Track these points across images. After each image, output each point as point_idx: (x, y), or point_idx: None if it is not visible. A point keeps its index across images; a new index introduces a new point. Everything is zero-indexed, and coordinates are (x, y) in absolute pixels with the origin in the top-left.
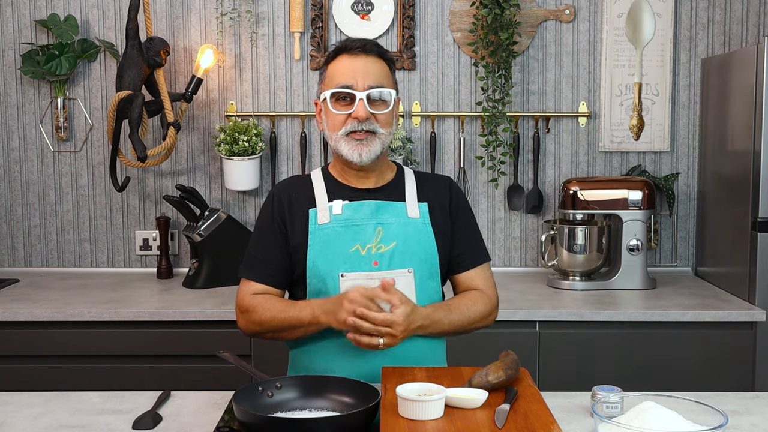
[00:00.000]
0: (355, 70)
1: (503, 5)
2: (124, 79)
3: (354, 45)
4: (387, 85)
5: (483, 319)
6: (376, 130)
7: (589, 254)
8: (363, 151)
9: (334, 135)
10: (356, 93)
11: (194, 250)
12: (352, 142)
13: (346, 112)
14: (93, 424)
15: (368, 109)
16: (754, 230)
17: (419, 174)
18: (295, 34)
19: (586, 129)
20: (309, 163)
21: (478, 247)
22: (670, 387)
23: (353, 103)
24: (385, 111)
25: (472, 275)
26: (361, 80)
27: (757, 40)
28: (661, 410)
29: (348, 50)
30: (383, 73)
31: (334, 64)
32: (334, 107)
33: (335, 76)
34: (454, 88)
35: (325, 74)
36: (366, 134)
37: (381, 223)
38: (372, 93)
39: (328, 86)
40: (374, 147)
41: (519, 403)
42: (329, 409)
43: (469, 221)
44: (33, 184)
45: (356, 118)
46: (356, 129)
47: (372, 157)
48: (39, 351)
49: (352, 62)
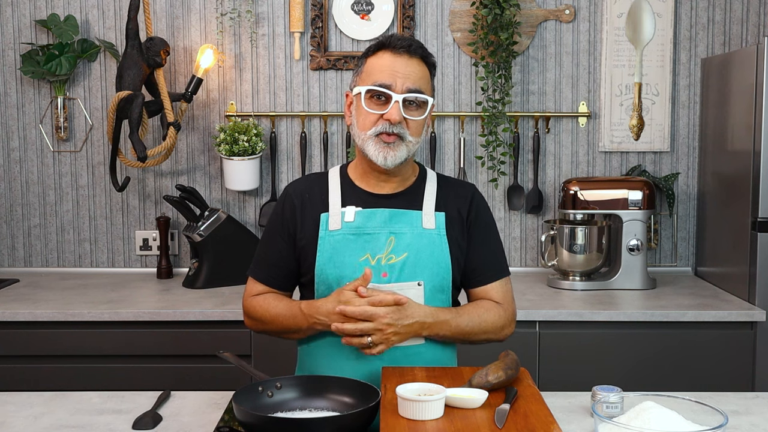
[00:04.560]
0: (395, 69)
1: (503, 5)
2: (124, 79)
3: (399, 43)
4: (425, 91)
5: (496, 331)
6: (404, 136)
7: (589, 254)
8: (389, 154)
9: (363, 134)
10: (393, 94)
11: (194, 250)
12: (380, 144)
13: (379, 112)
14: (93, 424)
15: (402, 113)
16: (754, 230)
17: (443, 179)
18: (295, 34)
19: (586, 129)
20: (309, 163)
21: (497, 261)
22: (670, 387)
23: (388, 103)
24: (418, 118)
25: (487, 289)
26: (401, 82)
27: (757, 40)
28: (661, 410)
29: (392, 47)
30: (424, 77)
31: (375, 58)
32: (367, 105)
33: (374, 72)
34: (454, 88)
35: (362, 67)
36: (395, 138)
37: (394, 232)
38: (408, 97)
39: (365, 81)
40: (400, 152)
41: (519, 403)
42: (329, 409)
43: (488, 233)
44: (33, 184)
45: (388, 119)
46: (387, 131)
47: (396, 162)
48: (39, 351)
49: (393, 61)
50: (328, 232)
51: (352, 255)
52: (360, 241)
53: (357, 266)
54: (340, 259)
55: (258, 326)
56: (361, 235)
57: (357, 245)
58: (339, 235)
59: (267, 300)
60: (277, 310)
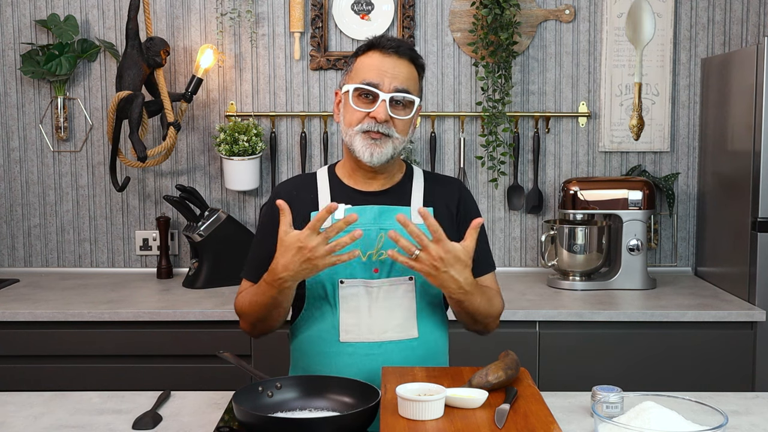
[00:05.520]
0: (383, 69)
1: (503, 5)
2: (124, 79)
3: (388, 44)
4: (413, 91)
5: (495, 318)
6: (391, 134)
7: (589, 254)
8: (375, 151)
9: (350, 130)
10: (380, 93)
11: (194, 250)
12: (367, 140)
13: (366, 110)
14: (93, 424)
15: (389, 112)
16: (754, 230)
17: (429, 175)
18: (295, 34)
19: (586, 129)
20: (309, 163)
21: (486, 256)
22: (670, 387)
23: (375, 102)
24: (405, 117)
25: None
26: (388, 81)
27: (757, 40)
28: (661, 410)
29: (381, 47)
30: (412, 78)
31: (364, 58)
32: (354, 103)
33: (362, 71)
34: (454, 88)
35: (352, 66)
36: (380, 135)
37: (384, 228)
38: (396, 96)
39: (354, 80)
40: (386, 149)
41: (519, 403)
42: (329, 409)
43: None
44: (33, 184)
45: (374, 118)
46: (372, 129)
47: (382, 159)
48: (39, 351)
49: (382, 61)
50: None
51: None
52: None
53: (348, 263)
54: None
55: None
56: None
57: None
58: None
59: (246, 292)
60: (250, 296)
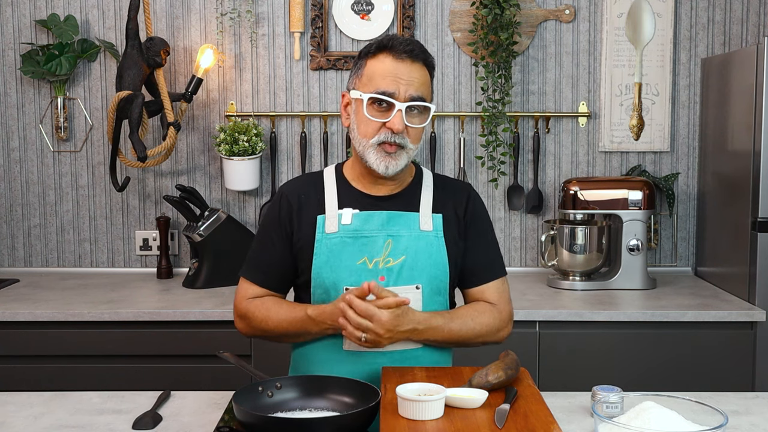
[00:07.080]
0: (398, 76)
1: (503, 5)
2: (124, 79)
3: (401, 47)
4: (427, 97)
5: (491, 333)
6: (405, 144)
7: (589, 254)
8: (390, 164)
9: (364, 141)
10: (396, 103)
11: (194, 250)
12: (382, 153)
13: (381, 120)
14: (93, 424)
15: (405, 121)
16: (754, 230)
17: (439, 178)
18: (295, 34)
19: (586, 129)
20: (309, 163)
21: (493, 262)
22: (670, 387)
23: (390, 110)
24: (419, 126)
25: (483, 289)
26: (404, 89)
27: (757, 40)
28: (661, 410)
29: (393, 50)
30: (425, 83)
31: (376, 62)
32: (369, 112)
33: (375, 78)
34: (454, 88)
35: (362, 70)
36: (396, 148)
37: (391, 235)
38: (412, 105)
39: (366, 87)
40: (401, 161)
41: (519, 403)
42: (329, 409)
43: (485, 234)
44: (33, 184)
45: (390, 128)
46: (389, 140)
47: (397, 170)
48: (39, 351)
49: (396, 67)
50: (324, 235)
51: (349, 258)
52: (357, 244)
53: (354, 269)
54: (337, 263)
55: (254, 330)
56: (358, 238)
57: (354, 248)
58: (336, 238)
59: (266, 304)
60: (280, 316)
